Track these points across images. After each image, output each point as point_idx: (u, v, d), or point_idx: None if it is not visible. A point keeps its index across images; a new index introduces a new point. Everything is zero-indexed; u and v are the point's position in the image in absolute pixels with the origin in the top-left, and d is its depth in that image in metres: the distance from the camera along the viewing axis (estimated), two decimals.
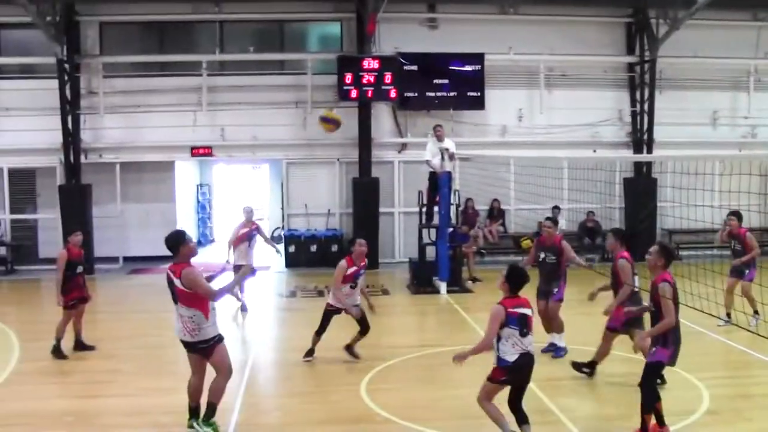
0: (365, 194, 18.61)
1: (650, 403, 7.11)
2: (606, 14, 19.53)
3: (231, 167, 24.76)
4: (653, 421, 7.18)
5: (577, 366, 9.30)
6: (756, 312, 11.19)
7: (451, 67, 18.85)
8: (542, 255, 10.43)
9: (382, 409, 8.15)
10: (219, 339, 7.32)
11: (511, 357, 6.71)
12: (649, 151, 19.05)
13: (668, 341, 7.11)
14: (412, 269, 16.23)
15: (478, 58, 18.80)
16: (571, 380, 9.22)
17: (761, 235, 19.74)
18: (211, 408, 7.32)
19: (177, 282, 7.07)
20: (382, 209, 18.83)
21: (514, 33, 19.15)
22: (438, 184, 15.19)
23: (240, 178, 25.65)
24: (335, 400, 8.62)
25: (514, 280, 6.86)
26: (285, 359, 10.57)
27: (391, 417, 7.92)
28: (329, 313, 10.03)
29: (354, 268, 9.86)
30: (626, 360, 9.88)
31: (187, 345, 7.28)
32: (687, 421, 7.73)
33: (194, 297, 7.07)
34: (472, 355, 6.85)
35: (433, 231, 15.84)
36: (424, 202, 16.04)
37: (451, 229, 15.62)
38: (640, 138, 19.28)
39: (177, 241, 7.27)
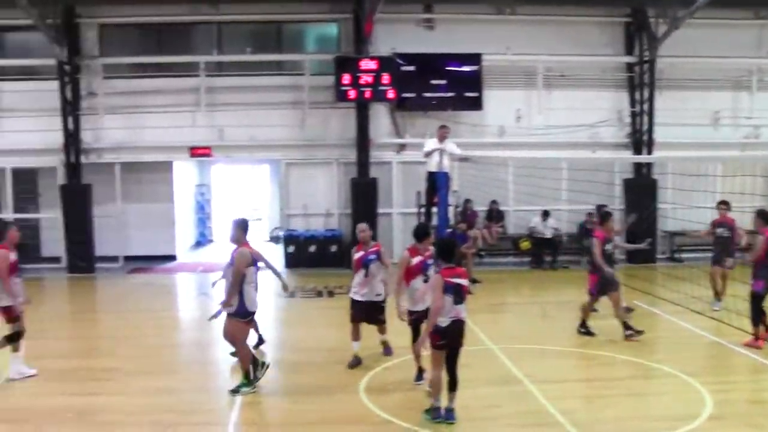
0: (364, 195, 18.59)
1: (756, 318, 10.16)
2: (604, 14, 19.41)
3: (230, 167, 24.80)
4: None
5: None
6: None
7: (448, 68, 18.79)
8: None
9: (382, 410, 8.12)
10: None
11: (444, 323, 7.44)
12: (649, 152, 18.87)
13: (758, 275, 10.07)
14: None
15: (475, 58, 18.76)
16: (571, 383, 9.30)
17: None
18: None
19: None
20: (380, 210, 18.81)
21: (511, 33, 19.10)
22: (436, 185, 15.20)
23: (238, 178, 25.69)
24: (334, 401, 8.59)
25: (445, 251, 7.74)
26: (286, 359, 10.49)
27: (390, 418, 7.90)
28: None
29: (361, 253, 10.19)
30: (626, 363, 10.01)
31: None
32: (690, 426, 7.53)
33: None
34: (432, 324, 7.44)
35: None
36: (422, 202, 15.98)
37: (449, 230, 15.60)
38: (640, 139, 19.14)
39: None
